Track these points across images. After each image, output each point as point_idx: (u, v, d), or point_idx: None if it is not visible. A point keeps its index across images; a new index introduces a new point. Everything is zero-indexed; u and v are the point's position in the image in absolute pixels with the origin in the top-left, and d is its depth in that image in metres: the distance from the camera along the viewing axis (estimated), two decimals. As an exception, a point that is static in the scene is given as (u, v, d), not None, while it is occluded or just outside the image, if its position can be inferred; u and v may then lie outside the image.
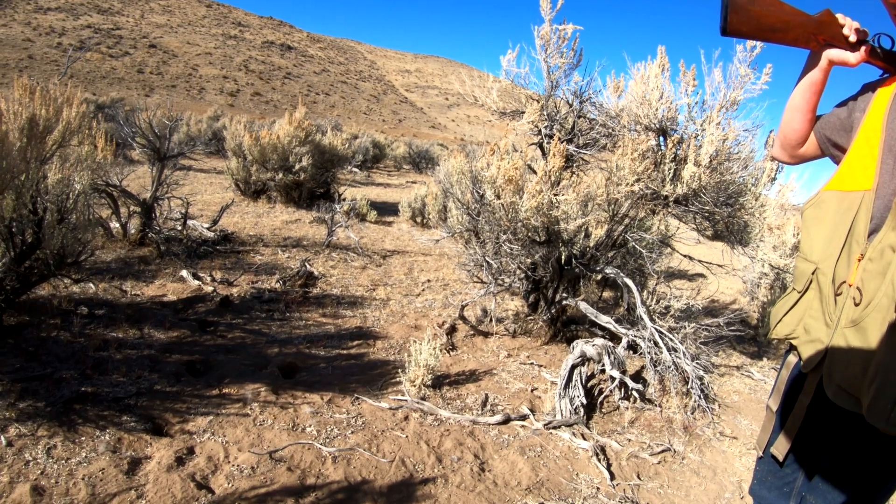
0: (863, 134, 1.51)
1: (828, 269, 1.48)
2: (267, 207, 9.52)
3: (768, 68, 3.77)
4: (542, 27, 4.18)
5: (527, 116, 4.37)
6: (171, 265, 5.51)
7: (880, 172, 1.42)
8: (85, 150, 4.03)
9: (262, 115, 45.36)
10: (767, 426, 1.70)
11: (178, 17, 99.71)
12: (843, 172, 1.53)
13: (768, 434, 1.69)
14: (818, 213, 1.56)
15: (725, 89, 3.88)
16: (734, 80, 3.84)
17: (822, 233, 1.53)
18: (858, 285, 1.37)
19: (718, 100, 3.91)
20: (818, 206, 1.57)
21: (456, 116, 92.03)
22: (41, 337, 3.62)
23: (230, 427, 2.88)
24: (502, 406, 3.52)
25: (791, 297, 1.62)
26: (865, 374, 1.32)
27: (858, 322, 1.35)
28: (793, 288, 1.63)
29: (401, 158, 25.03)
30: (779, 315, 1.64)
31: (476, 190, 4.38)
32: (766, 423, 1.70)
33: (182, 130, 15.94)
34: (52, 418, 2.74)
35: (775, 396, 1.68)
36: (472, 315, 5.07)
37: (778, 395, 1.67)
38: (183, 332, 4.07)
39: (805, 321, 1.55)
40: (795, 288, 1.61)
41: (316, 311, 4.93)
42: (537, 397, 3.69)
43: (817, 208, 1.57)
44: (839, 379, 1.39)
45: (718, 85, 3.91)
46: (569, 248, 4.16)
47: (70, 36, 71.54)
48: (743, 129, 4.01)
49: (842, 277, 1.43)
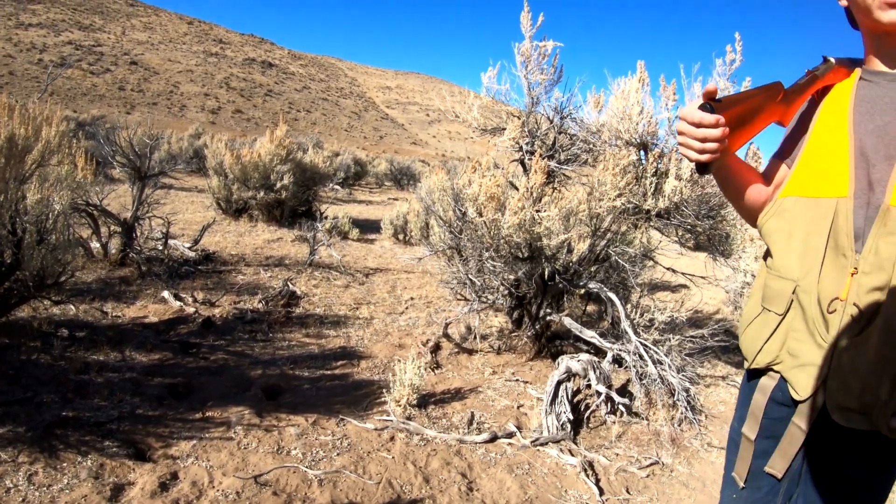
0: (823, 135, 1.44)
1: (810, 286, 1.37)
2: (249, 226, 9.47)
3: (748, 81, 3.81)
4: (523, 44, 4.21)
5: (508, 133, 4.39)
6: (153, 286, 5.45)
7: (856, 179, 1.34)
8: (65, 169, 3.97)
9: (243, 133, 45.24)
10: (745, 455, 1.56)
11: (159, 34, 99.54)
12: (805, 177, 1.45)
13: (748, 463, 1.55)
14: (782, 224, 1.47)
15: (706, 103, 3.91)
16: (714, 93, 3.87)
17: (795, 246, 1.43)
18: (855, 301, 1.28)
19: (699, 114, 3.94)
20: (780, 216, 1.48)
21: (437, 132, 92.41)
22: (21, 360, 3.56)
23: (214, 451, 2.84)
24: (489, 424, 3.49)
25: (768, 320, 1.48)
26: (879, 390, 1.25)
27: (864, 340, 1.27)
28: (765, 309, 1.50)
29: (382, 175, 25.08)
30: (757, 343, 1.50)
31: (458, 207, 4.38)
32: (743, 452, 1.56)
33: (163, 149, 15.84)
34: (32, 444, 2.68)
35: (750, 424, 1.53)
36: (457, 332, 5.06)
37: (755, 421, 1.52)
38: (165, 355, 4.02)
39: (788, 345, 1.43)
40: (772, 310, 1.47)
41: (299, 332, 4.88)
42: (524, 414, 3.68)
43: (780, 219, 1.48)
44: (847, 402, 1.30)
45: (699, 99, 3.94)
46: (552, 263, 4.16)
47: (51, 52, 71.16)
48: (724, 142, 4.03)
49: (831, 294, 1.33)
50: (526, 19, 4.09)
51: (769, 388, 1.49)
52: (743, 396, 1.61)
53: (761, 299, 1.51)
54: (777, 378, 1.48)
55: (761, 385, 1.51)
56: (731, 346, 5.88)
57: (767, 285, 1.50)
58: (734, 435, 1.61)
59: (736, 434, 1.59)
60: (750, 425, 1.53)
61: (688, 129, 1.32)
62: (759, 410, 1.51)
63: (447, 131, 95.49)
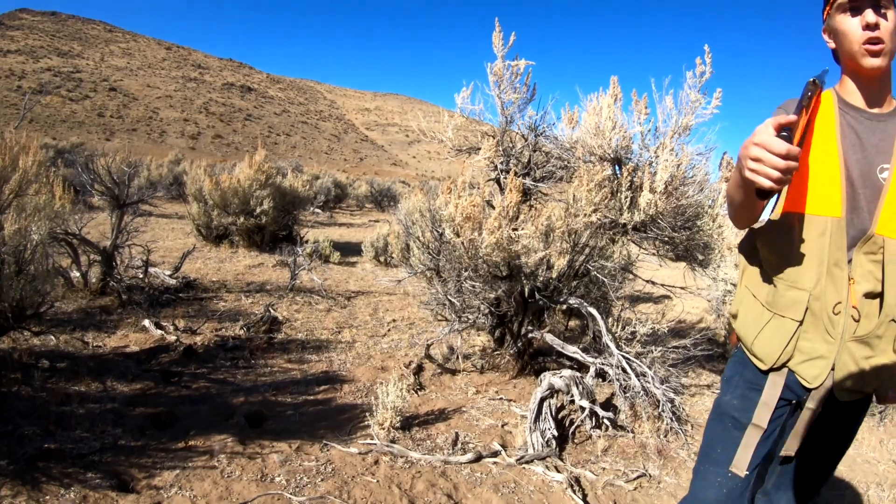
0: (816, 157, 1.63)
1: (820, 294, 1.61)
2: (229, 252, 9.41)
3: (718, 92, 3.88)
4: (496, 63, 4.26)
5: (483, 153, 4.42)
6: (134, 314, 5.39)
7: (846, 202, 1.59)
8: (42, 198, 3.94)
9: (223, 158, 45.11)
10: (751, 443, 1.73)
11: (138, 59, 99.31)
12: (799, 196, 1.65)
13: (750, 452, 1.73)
14: (790, 238, 1.66)
15: (677, 115, 3.98)
16: (685, 105, 3.94)
17: (804, 259, 1.63)
18: (855, 304, 1.58)
19: (671, 126, 4.00)
20: (786, 231, 1.67)
21: (417, 153, 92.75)
22: (1, 392, 3.51)
23: (197, 480, 2.80)
24: (473, 444, 3.48)
25: (785, 325, 1.68)
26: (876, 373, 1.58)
27: (863, 337, 1.57)
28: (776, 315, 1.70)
29: (363, 197, 25.09)
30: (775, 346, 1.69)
31: (435, 228, 4.39)
32: (748, 440, 1.74)
33: (143, 175, 15.74)
34: (14, 476, 2.64)
35: (762, 412, 1.73)
36: (439, 353, 5.05)
37: (767, 410, 1.72)
38: (147, 384, 3.97)
39: (799, 344, 1.66)
40: (788, 316, 1.67)
41: (281, 357, 4.85)
42: (508, 432, 3.67)
43: (786, 233, 1.67)
44: (850, 385, 1.60)
45: (670, 111, 4.01)
46: (531, 281, 4.18)
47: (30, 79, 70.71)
48: (696, 153, 4.11)
49: (834, 299, 1.59)
50: (498, 39, 4.14)
51: (780, 383, 1.71)
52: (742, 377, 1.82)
53: (769, 306, 1.72)
54: (785, 373, 1.70)
55: (772, 381, 1.72)
56: (715, 354, 5.91)
57: (780, 294, 1.69)
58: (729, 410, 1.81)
59: (741, 413, 1.78)
60: (762, 414, 1.72)
61: (768, 159, 1.36)
62: (773, 400, 1.71)
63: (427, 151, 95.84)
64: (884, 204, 1.57)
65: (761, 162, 1.37)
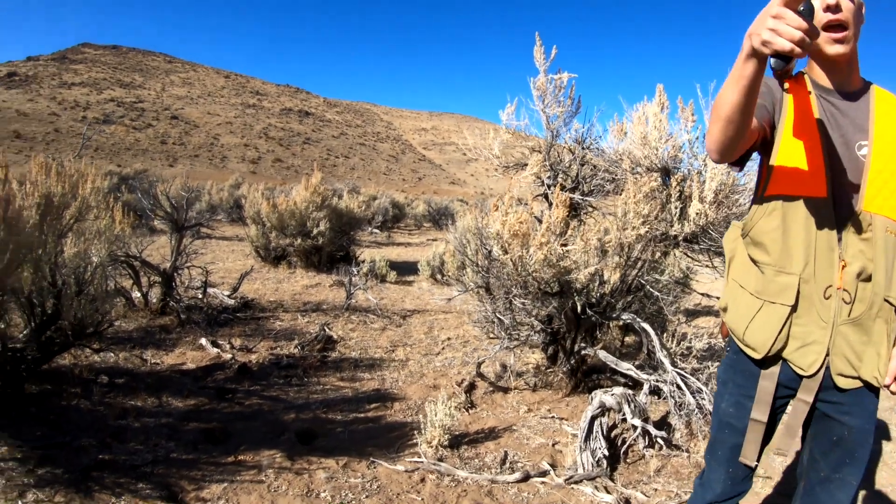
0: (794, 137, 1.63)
1: (809, 277, 1.59)
2: (287, 273, 9.60)
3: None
4: (538, 78, 4.23)
5: (529, 168, 4.39)
6: (192, 333, 5.55)
7: (831, 182, 1.57)
8: (103, 223, 4.13)
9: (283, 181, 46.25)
10: (755, 437, 1.72)
11: (197, 88, 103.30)
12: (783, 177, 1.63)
13: (758, 444, 1.72)
14: (775, 222, 1.64)
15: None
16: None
17: (792, 243, 1.61)
18: (846, 287, 1.56)
19: (719, 132, 3.87)
20: (771, 215, 1.66)
21: (474, 171, 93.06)
22: (62, 405, 3.66)
23: (244, 494, 2.85)
24: (522, 463, 3.42)
25: (776, 312, 1.64)
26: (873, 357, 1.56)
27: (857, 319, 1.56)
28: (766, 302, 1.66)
29: (421, 217, 25.27)
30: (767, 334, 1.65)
31: (484, 246, 4.37)
32: (752, 435, 1.72)
33: (204, 199, 16.30)
34: (69, 485, 2.74)
35: (760, 409, 1.71)
36: (492, 371, 5.00)
37: (765, 405, 1.70)
38: (201, 400, 4.07)
39: (792, 330, 1.63)
40: (779, 302, 1.63)
41: (334, 375, 4.89)
42: (559, 452, 3.59)
43: (771, 217, 1.65)
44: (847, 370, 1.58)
45: (718, 117, 3.88)
46: (583, 296, 4.11)
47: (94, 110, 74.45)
48: (747, 158, 3.96)
49: (825, 282, 1.57)
50: (539, 53, 4.11)
51: (775, 374, 1.68)
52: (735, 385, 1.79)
53: (759, 294, 1.68)
54: (780, 364, 1.68)
55: (767, 373, 1.70)
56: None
57: (769, 280, 1.65)
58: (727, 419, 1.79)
59: (730, 417, 1.78)
60: (760, 410, 1.70)
61: (791, 17, 1.18)
62: (768, 396, 1.69)
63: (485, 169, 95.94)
64: (867, 180, 1.57)
65: (782, 20, 1.18)
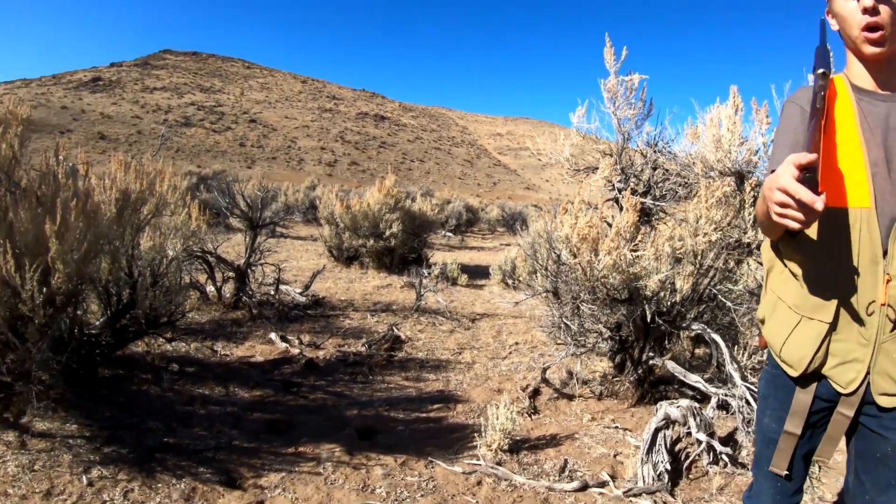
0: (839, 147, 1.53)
1: (852, 292, 1.50)
2: (359, 273, 9.77)
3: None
4: (609, 80, 4.15)
5: (600, 172, 4.31)
6: (262, 328, 5.73)
7: (874, 191, 1.47)
8: (179, 219, 4.32)
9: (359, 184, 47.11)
10: (787, 448, 1.66)
11: (275, 93, 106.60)
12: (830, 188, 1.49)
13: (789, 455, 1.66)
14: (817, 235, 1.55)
15: (801, 122, 3.68)
16: (809, 111, 3.63)
17: (834, 255, 1.52)
18: (891, 303, 1.45)
19: (794, 134, 3.70)
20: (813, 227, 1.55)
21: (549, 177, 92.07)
22: (132, 390, 3.85)
23: (301, 484, 2.91)
24: (581, 472, 3.34)
25: (814, 328, 1.56)
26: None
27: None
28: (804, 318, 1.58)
29: (494, 221, 25.25)
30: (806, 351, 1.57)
31: (553, 250, 4.32)
32: (784, 445, 1.67)
33: (280, 200, 16.79)
34: (133, 464, 2.89)
35: (795, 421, 1.64)
36: (557, 377, 4.92)
37: (800, 418, 1.63)
38: (267, 392, 4.20)
39: (831, 347, 1.55)
40: (817, 318, 1.55)
41: (399, 375, 4.94)
42: (620, 463, 3.49)
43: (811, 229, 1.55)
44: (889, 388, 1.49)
45: (793, 119, 3.71)
46: (652, 304, 3.99)
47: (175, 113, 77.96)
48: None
49: (868, 297, 1.48)
50: (609, 54, 4.03)
51: (812, 388, 1.61)
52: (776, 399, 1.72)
53: (797, 308, 1.60)
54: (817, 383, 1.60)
55: (804, 387, 1.62)
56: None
57: (808, 295, 1.57)
58: (771, 434, 1.72)
59: (773, 433, 1.71)
60: (794, 423, 1.64)
61: (794, 206, 1.27)
62: (804, 409, 1.62)
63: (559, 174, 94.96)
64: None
65: (788, 207, 1.27)
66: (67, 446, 2.97)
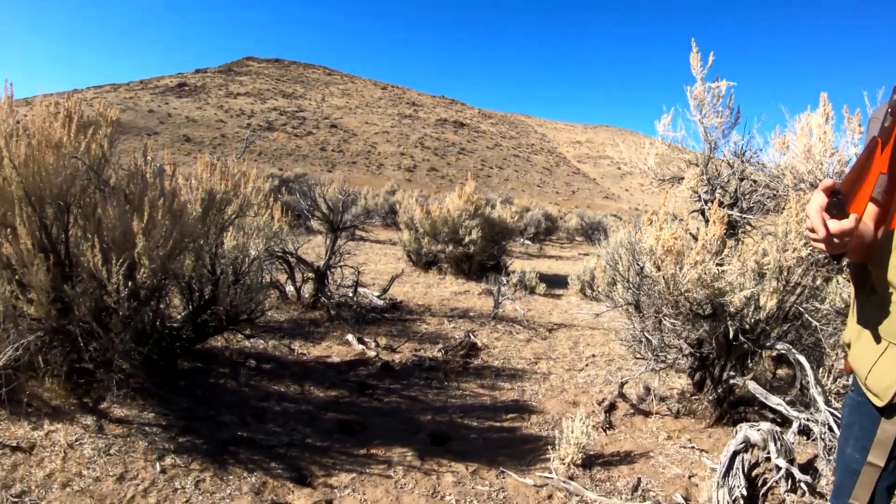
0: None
1: None
2: (437, 278, 9.84)
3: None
4: (695, 87, 4.04)
5: (686, 182, 4.19)
6: (340, 329, 5.87)
7: None
8: (262, 220, 4.48)
9: (438, 190, 47.44)
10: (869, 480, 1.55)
11: (356, 99, 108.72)
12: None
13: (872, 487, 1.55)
14: None
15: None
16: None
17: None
18: None
19: (889, 144, 3.48)
20: None
21: (629, 186, 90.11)
22: (210, 383, 4.01)
23: (371, 486, 2.96)
24: (654, 492, 3.25)
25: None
26: None
27: None
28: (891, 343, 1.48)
29: (573, 230, 24.95)
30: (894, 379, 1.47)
31: (636, 262, 4.23)
32: (865, 478, 1.56)
33: (360, 204, 17.15)
34: (206, 455, 3.00)
35: (877, 452, 1.54)
36: (634, 393, 4.81)
37: (884, 449, 1.52)
38: (342, 393, 4.29)
39: None
40: None
41: (474, 382, 4.95)
42: (694, 485, 3.38)
43: None
44: None
45: (888, 128, 3.49)
46: (736, 321, 3.85)
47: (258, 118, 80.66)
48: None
49: None
50: (696, 60, 3.92)
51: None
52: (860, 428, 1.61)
53: (885, 335, 1.50)
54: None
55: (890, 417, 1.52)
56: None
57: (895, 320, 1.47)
58: (853, 464, 1.62)
59: (856, 463, 1.60)
60: (878, 454, 1.54)
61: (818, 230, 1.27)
62: (888, 440, 1.52)
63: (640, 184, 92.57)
64: None
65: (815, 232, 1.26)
66: (143, 433, 3.13)
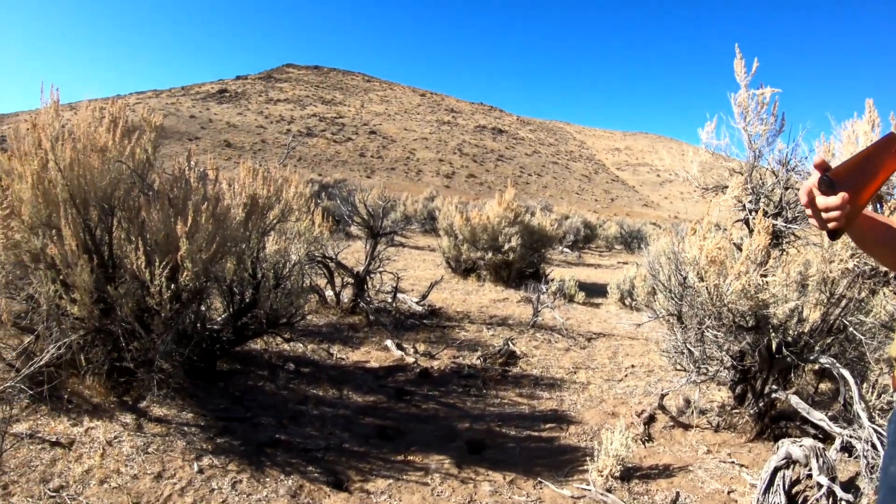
0: None
1: None
2: (476, 285, 9.84)
3: None
4: (739, 93, 3.97)
5: (730, 191, 4.13)
6: (378, 334, 5.92)
7: None
8: (303, 225, 4.55)
9: (476, 196, 47.46)
10: None
11: (394, 105, 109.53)
12: None
13: None
14: None
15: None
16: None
17: None
18: None
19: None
20: None
21: (668, 194, 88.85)
22: (248, 385, 4.09)
23: (407, 493, 2.99)
24: (693, 507, 3.22)
25: None
26: None
27: None
28: None
29: (612, 239, 24.72)
30: None
31: (679, 272, 4.19)
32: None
33: (399, 210, 17.27)
34: (243, 456, 3.06)
35: None
36: (674, 405, 4.75)
37: None
38: (379, 398, 4.34)
39: None
40: None
41: (512, 391, 4.95)
42: (734, 501, 3.32)
43: None
44: None
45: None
46: (779, 334, 3.78)
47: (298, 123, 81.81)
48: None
49: None
50: (739, 66, 3.86)
51: None
52: None
53: None
54: None
55: None
56: None
57: None
58: None
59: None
60: None
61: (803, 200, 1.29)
62: None
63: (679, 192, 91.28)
64: None
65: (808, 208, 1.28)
66: (182, 433, 3.21)
